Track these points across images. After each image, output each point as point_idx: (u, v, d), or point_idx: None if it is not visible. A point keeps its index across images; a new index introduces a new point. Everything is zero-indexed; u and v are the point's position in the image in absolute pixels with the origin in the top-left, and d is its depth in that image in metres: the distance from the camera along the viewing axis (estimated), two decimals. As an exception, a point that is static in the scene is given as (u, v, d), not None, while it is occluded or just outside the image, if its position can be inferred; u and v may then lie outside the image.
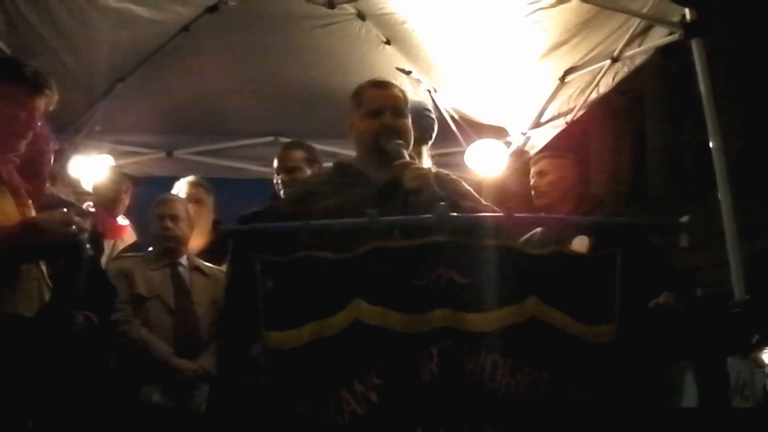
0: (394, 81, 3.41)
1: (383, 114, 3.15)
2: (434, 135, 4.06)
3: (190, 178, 5.23)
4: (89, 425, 3.63)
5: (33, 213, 3.14)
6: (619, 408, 2.63)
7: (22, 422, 2.93)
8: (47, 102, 3.08)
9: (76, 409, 3.51)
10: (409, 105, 3.69)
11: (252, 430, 3.41)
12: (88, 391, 3.60)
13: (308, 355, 2.51)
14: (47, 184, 4.14)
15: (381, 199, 2.96)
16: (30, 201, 3.16)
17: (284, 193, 4.45)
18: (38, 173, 3.73)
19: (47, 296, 3.09)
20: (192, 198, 5.02)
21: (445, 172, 3.32)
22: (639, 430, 2.98)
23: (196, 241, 4.87)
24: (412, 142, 3.23)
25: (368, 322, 2.51)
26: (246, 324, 3.03)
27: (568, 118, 6.06)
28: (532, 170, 4.66)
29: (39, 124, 3.09)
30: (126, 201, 5.40)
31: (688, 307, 4.11)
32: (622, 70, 5.54)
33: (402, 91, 3.29)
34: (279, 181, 4.61)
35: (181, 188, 5.12)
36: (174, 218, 4.56)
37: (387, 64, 5.79)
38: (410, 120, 3.25)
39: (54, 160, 3.86)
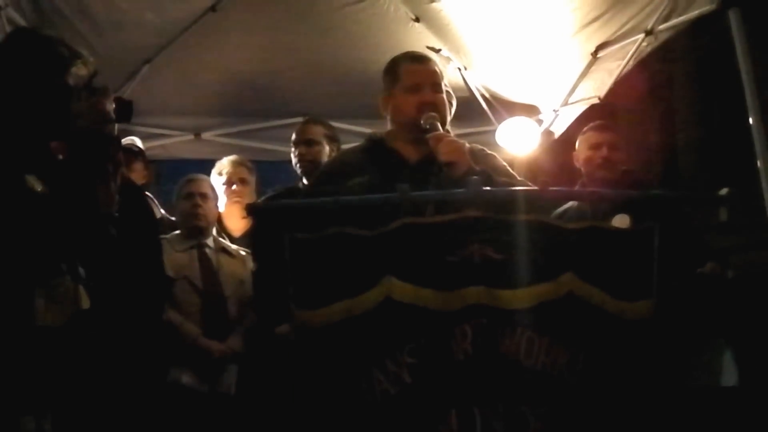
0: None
1: (422, 90, 3.10)
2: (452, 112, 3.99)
3: (233, 157, 5.12)
4: (117, 408, 3.60)
5: None
6: (657, 387, 2.57)
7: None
8: (78, 71, 2.82)
9: (102, 392, 3.49)
10: None
11: (281, 412, 3.37)
12: (115, 374, 3.58)
13: (339, 334, 2.47)
14: None
15: (414, 176, 2.89)
16: None
17: (305, 170, 4.41)
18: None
19: (84, 304, 2.96)
20: (236, 177, 4.95)
21: (480, 147, 3.26)
22: (677, 410, 2.91)
23: (239, 223, 4.83)
24: (449, 118, 3.19)
25: (400, 299, 2.47)
26: (275, 304, 2.97)
27: (601, 93, 5.95)
28: (597, 138, 4.42)
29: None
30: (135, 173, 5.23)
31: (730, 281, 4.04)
32: (656, 42, 5.42)
33: (438, 65, 3.26)
34: (296, 154, 4.57)
35: (223, 168, 5.01)
36: (203, 196, 4.52)
37: (416, 42, 5.70)
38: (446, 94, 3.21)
39: None
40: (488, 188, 2.62)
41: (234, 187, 4.92)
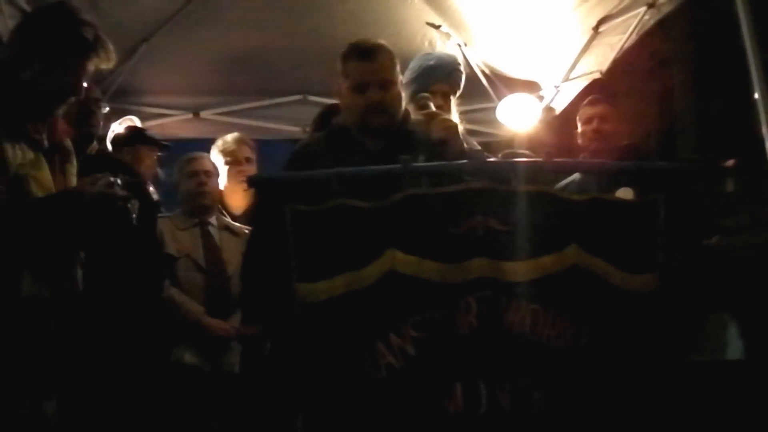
0: (384, 43, 3.19)
1: (369, 90, 3.06)
2: (461, 87, 3.95)
3: (236, 135, 5.06)
4: (120, 388, 3.59)
5: (75, 169, 3.03)
6: (661, 360, 2.55)
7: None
8: (98, 63, 2.89)
9: (106, 372, 3.48)
10: (440, 60, 3.62)
11: (285, 389, 3.35)
12: (119, 354, 3.56)
13: (342, 307, 2.45)
14: (96, 145, 4.09)
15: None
16: (74, 158, 3.03)
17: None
18: (87, 134, 3.77)
19: (80, 284, 2.96)
20: (243, 155, 4.90)
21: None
22: (681, 383, 2.89)
23: (240, 200, 4.81)
24: (401, 111, 3.14)
25: (403, 272, 2.46)
26: (269, 276, 2.92)
27: (603, 68, 5.92)
28: (588, 112, 4.50)
29: (85, 85, 2.91)
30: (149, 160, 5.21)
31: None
32: (658, 15, 5.38)
33: (389, 57, 3.14)
34: None
35: (228, 146, 4.93)
36: (207, 174, 4.50)
37: (416, 18, 5.67)
38: (400, 85, 3.16)
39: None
40: (492, 159, 2.60)
41: (242, 166, 4.86)
